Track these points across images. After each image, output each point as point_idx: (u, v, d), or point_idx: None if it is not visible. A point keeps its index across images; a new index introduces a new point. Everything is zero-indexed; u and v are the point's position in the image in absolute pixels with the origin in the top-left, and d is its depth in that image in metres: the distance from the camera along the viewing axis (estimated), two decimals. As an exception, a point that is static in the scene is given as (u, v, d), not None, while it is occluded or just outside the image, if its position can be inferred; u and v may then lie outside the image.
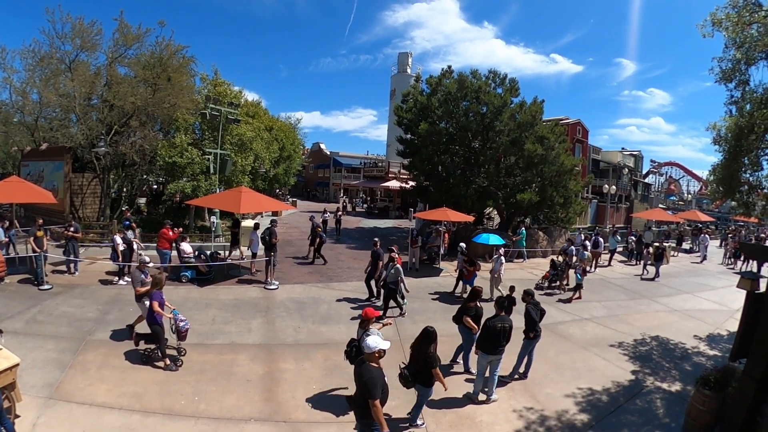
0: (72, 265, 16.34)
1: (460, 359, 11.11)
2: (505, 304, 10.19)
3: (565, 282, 19.67)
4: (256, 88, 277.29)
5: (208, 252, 17.93)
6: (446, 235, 24.01)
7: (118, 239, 15.78)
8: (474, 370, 10.23)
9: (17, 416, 7.27)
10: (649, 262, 24.03)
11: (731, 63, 13.02)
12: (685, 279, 24.06)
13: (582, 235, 26.81)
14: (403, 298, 14.85)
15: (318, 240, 21.42)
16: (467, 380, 10.34)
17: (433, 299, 16.87)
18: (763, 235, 41.60)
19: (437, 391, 9.37)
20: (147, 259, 11.92)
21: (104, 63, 24.97)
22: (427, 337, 8.11)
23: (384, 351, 6.47)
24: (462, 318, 10.43)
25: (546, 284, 19.87)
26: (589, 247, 22.83)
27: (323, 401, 8.99)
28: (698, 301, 19.46)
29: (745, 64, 12.83)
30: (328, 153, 76.23)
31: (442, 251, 23.70)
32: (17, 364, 7.27)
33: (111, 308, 13.10)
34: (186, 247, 17.07)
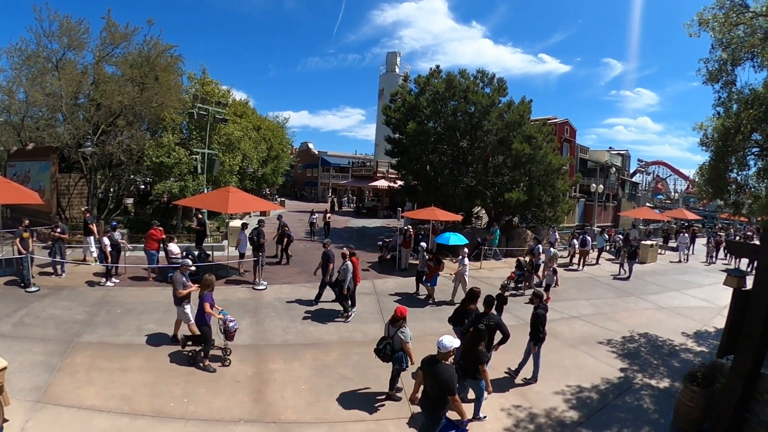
0: (59, 267, 16.23)
1: None
2: (494, 303, 10.13)
3: (535, 282, 19.60)
4: (244, 87, 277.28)
5: (196, 252, 17.85)
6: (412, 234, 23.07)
7: (106, 240, 15.67)
8: None
9: (5, 420, 7.23)
10: (624, 261, 23.84)
11: (718, 64, 13.20)
12: (672, 276, 24.30)
13: (556, 233, 26.98)
14: (353, 304, 14.44)
15: (285, 239, 21.34)
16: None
17: (420, 298, 16.92)
18: (749, 233, 42.06)
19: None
20: (189, 262, 12.14)
21: (91, 62, 24.75)
22: (478, 335, 8.37)
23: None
24: (459, 320, 10.39)
25: (511, 285, 18.64)
26: (553, 250, 21.69)
27: (313, 401, 9.01)
28: (686, 298, 19.68)
29: (731, 64, 13.01)
30: (317, 152, 76.25)
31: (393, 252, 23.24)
32: (5, 368, 7.23)
33: (98, 310, 13.04)
34: (174, 247, 16.97)
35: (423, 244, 17.90)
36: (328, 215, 28.01)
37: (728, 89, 13.50)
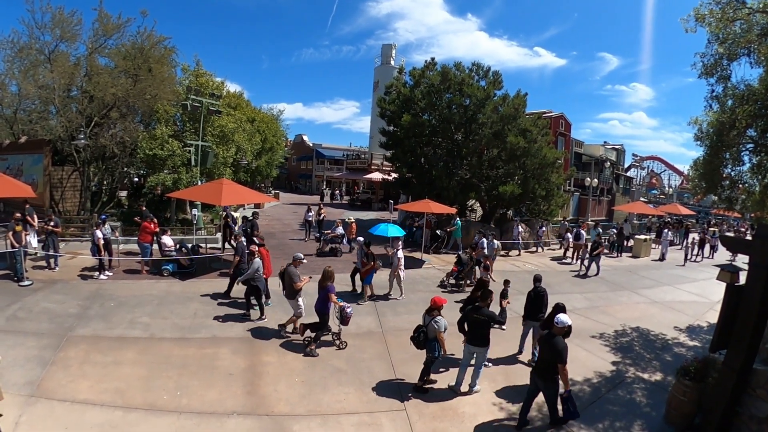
0: (52, 260, 16.17)
1: None
2: (489, 295, 10.15)
3: (475, 278, 17.66)
4: (238, 79, 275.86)
5: (190, 245, 17.82)
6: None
7: (99, 233, 15.61)
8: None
9: (-1, 414, 7.22)
10: (586, 257, 22.44)
11: (713, 58, 13.22)
12: (665, 271, 24.40)
13: (520, 227, 26.82)
14: (267, 296, 13.76)
15: (229, 231, 20.94)
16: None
17: (415, 291, 16.92)
18: (742, 228, 42.30)
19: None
20: (301, 255, 12.67)
21: (84, 53, 24.54)
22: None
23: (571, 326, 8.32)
24: (465, 316, 10.18)
25: (451, 281, 18.03)
26: (497, 242, 20.63)
27: (306, 394, 9.04)
28: (679, 293, 19.76)
29: (727, 59, 13.03)
30: (311, 145, 76.04)
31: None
32: (-2, 361, 7.21)
33: (92, 303, 13.01)
34: (167, 240, 16.95)
35: (360, 238, 16.39)
36: (322, 211, 27.05)
37: (723, 84, 13.52)
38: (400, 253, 15.96)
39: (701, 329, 14.97)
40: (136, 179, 35.23)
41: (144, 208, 19.92)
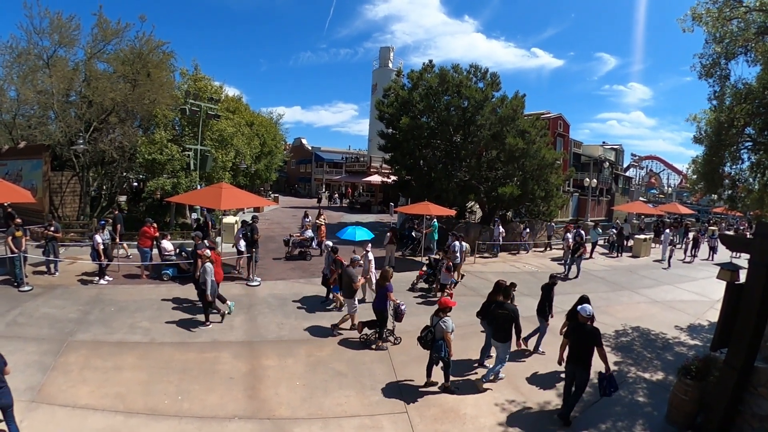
0: (52, 266, 16.17)
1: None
2: (511, 292, 10.86)
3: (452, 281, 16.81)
4: (236, 82, 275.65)
5: (190, 249, 17.80)
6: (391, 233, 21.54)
7: (98, 238, 15.59)
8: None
9: (0, 421, 7.20)
10: (568, 258, 21.96)
11: (711, 58, 13.23)
12: (665, 270, 24.38)
13: (500, 227, 26.50)
14: (223, 300, 13.42)
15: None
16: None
17: (414, 295, 16.89)
18: (741, 227, 42.28)
19: (421, 385, 9.57)
20: (358, 257, 13.69)
21: (83, 59, 24.61)
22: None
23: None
24: (490, 313, 10.65)
25: (420, 284, 17.55)
26: (465, 245, 19.78)
27: (307, 397, 9.03)
28: (679, 292, 19.77)
29: (725, 59, 13.04)
30: (310, 148, 76.06)
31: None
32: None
33: (92, 308, 13.00)
34: (167, 244, 16.95)
35: (329, 243, 16.03)
36: (323, 218, 25.51)
37: (722, 83, 13.53)
38: (371, 256, 15.54)
39: (702, 328, 14.98)
40: (136, 184, 35.27)
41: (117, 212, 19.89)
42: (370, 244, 16.21)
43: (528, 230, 28.13)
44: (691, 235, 30.80)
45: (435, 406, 9.03)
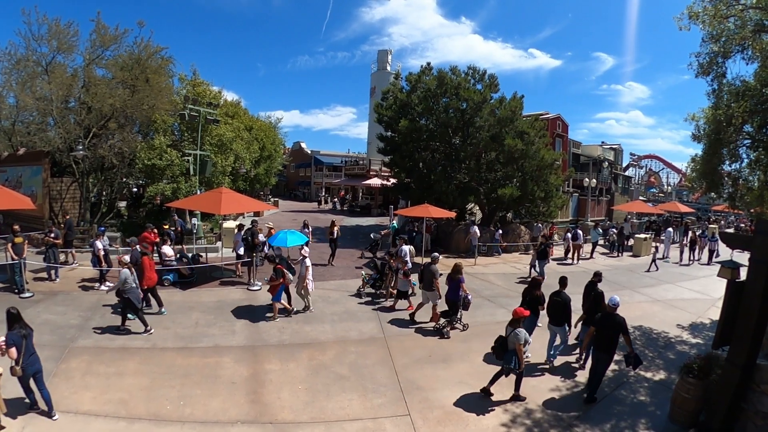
0: (53, 272, 16.16)
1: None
2: (566, 282, 11.87)
3: (392, 285, 16.02)
4: (235, 87, 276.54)
5: (190, 254, 17.82)
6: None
7: (99, 244, 15.59)
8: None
9: (2, 427, 7.21)
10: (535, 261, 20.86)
11: (708, 57, 13.22)
12: (666, 269, 24.39)
13: (475, 227, 26.07)
14: (160, 304, 13.43)
15: (168, 239, 19.30)
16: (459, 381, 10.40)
17: (417, 296, 16.85)
18: (742, 224, 42.30)
19: (423, 388, 9.68)
20: (437, 255, 14.51)
21: (81, 65, 24.54)
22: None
23: None
24: (534, 306, 11.67)
25: (368, 290, 16.72)
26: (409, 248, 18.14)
27: (309, 401, 9.02)
28: (680, 290, 19.76)
29: (722, 57, 13.03)
30: (309, 152, 76.22)
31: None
32: (0, 374, 7.19)
33: (93, 314, 13.00)
34: (167, 250, 16.93)
35: (267, 251, 15.43)
36: (336, 228, 22.41)
37: (719, 81, 13.54)
38: (308, 262, 14.57)
39: (703, 326, 14.98)
40: (135, 189, 35.23)
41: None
42: (308, 250, 15.14)
43: (500, 231, 27.73)
44: (689, 235, 29.12)
45: (438, 408, 9.02)
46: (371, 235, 25.13)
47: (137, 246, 14.37)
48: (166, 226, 19.84)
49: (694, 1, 12.81)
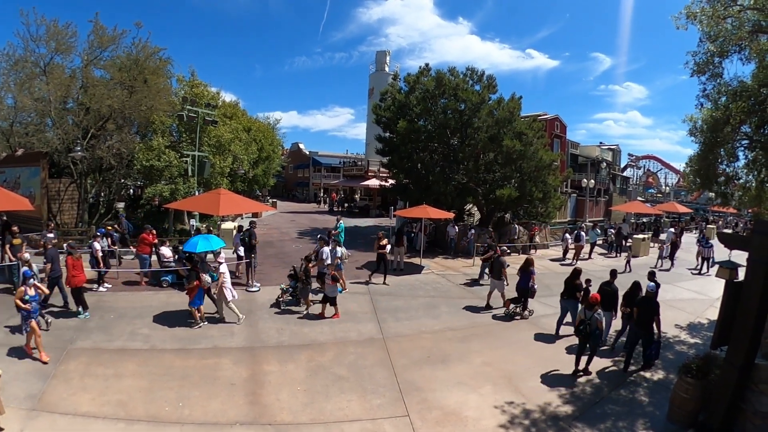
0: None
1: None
2: (616, 274, 13.61)
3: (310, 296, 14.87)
4: (232, 88, 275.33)
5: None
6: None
7: (97, 245, 15.56)
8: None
9: (1, 429, 7.20)
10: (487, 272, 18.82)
11: (705, 56, 13.27)
12: (664, 269, 24.36)
13: (455, 228, 26.32)
14: (85, 308, 12.98)
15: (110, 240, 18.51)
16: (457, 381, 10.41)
17: (416, 297, 16.91)
18: (741, 223, 42.40)
19: (422, 389, 9.71)
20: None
21: (80, 66, 24.56)
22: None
23: None
24: (572, 293, 13.47)
25: (288, 298, 15.27)
26: (341, 250, 17.24)
27: (308, 402, 9.03)
28: (678, 291, 19.80)
29: (718, 57, 13.08)
30: (308, 153, 76.28)
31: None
32: (-1, 376, 7.20)
33: (91, 315, 12.97)
34: (166, 251, 16.93)
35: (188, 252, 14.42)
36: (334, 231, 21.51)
37: (715, 81, 13.59)
38: (223, 268, 13.38)
39: (702, 326, 15.02)
40: (133, 190, 35.20)
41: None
42: (224, 256, 14.14)
43: (473, 231, 27.47)
44: (666, 235, 27.30)
45: (436, 409, 9.03)
46: (318, 236, 20.27)
47: (51, 245, 14.14)
48: (109, 228, 19.25)
49: (692, 1, 12.85)
